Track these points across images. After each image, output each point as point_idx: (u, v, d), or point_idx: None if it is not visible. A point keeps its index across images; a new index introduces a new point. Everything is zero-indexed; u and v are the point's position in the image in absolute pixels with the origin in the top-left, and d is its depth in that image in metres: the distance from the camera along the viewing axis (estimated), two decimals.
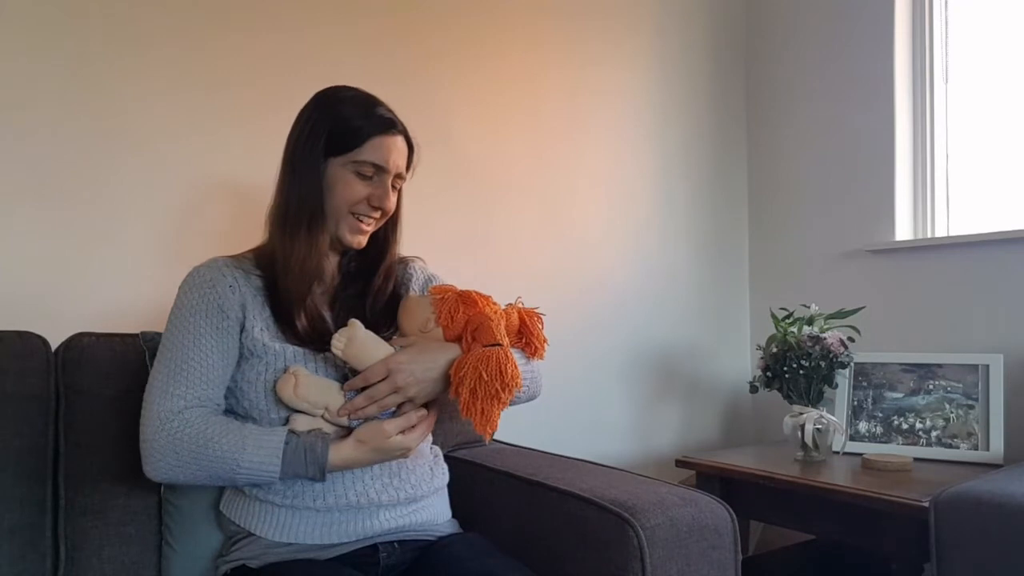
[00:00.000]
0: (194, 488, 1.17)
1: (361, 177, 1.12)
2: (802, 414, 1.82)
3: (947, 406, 1.83)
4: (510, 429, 1.47)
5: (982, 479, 1.35)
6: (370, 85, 1.19)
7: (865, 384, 1.95)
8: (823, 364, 1.81)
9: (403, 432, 1.06)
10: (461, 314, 1.08)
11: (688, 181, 2.37)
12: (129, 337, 1.25)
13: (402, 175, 1.17)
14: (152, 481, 1.04)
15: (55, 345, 1.22)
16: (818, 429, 1.80)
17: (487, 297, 1.12)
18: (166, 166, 1.54)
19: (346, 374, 1.07)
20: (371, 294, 1.18)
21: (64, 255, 1.44)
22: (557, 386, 2.00)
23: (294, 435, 1.03)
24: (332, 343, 1.04)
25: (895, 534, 1.52)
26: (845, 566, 1.99)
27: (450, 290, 1.12)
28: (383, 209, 1.15)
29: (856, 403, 1.95)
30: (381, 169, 1.12)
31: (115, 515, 1.18)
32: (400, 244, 1.25)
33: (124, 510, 1.18)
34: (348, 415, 1.04)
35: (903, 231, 2.12)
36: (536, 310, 1.19)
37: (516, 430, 1.62)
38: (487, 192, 1.98)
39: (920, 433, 1.84)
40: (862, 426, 1.92)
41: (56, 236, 1.44)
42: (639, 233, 2.26)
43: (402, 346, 1.08)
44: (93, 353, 1.22)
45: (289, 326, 1.10)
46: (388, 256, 1.22)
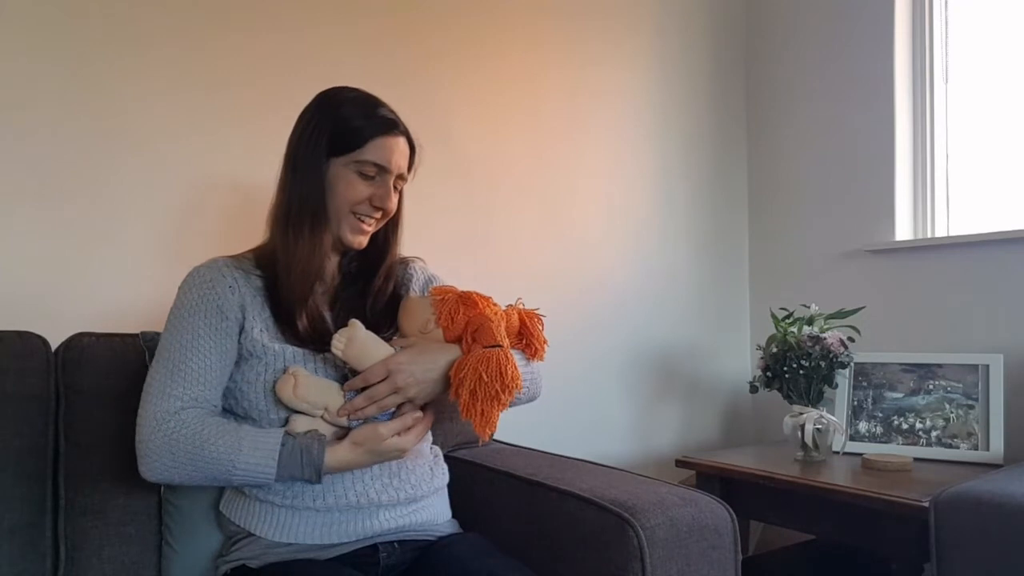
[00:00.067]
0: (194, 488, 1.17)
1: (363, 177, 1.12)
2: (802, 414, 1.82)
3: (947, 406, 1.83)
4: (510, 429, 1.47)
5: (982, 479, 1.35)
6: (370, 85, 1.19)
7: (865, 384, 1.95)
8: (823, 364, 1.81)
9: (399, 434, 1.06)
10: (461, 315, 1.08)
11: (688, 181, 2.37)
12: (129, 337, 1.25)
13: (404, 176, 1.17)
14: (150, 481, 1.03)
15: (55, 345, 1.22)
16: (818, 429, 1.79)
17: (487, 298, 1.12)
18: (166, 166, 1.54)
19: (346, 374, 1.07)
20: (371, 294, 1.18)
21: (64, 255, 1.45)
22: (557, 386, 2.00)
23: (290, 437, 1.03)
24: (332, 343, 1.04)
25: (895, 534, 1.52)
26: (845, 566, 1.99)
27: (450, 291, 1.12)
28: (385, 209, 1.15)
29: (856, 403, 1.95)
30: (383, 169, 1.12)
31: (115, 515, 1.18)
32: (401, 245, 1.25)
33: (124, 510, 1.18)
34: (348, 415, 1.04)
35: (903, 231, 2.12)
36: (536, 311, 1.19)
37: (516, 430, 1.62)
38: (487, 192, 1.98)
39: (920, 433, 1.84)
40: (862, 426, 1.92)
41: (56, 236, 1.44)
42: (639, 233, 2.26)
43: (402, 347, 1.08)
44: (93, 353, 1.22)
45: (289, 326, 1.10)
46: (389, 257, 1.22)
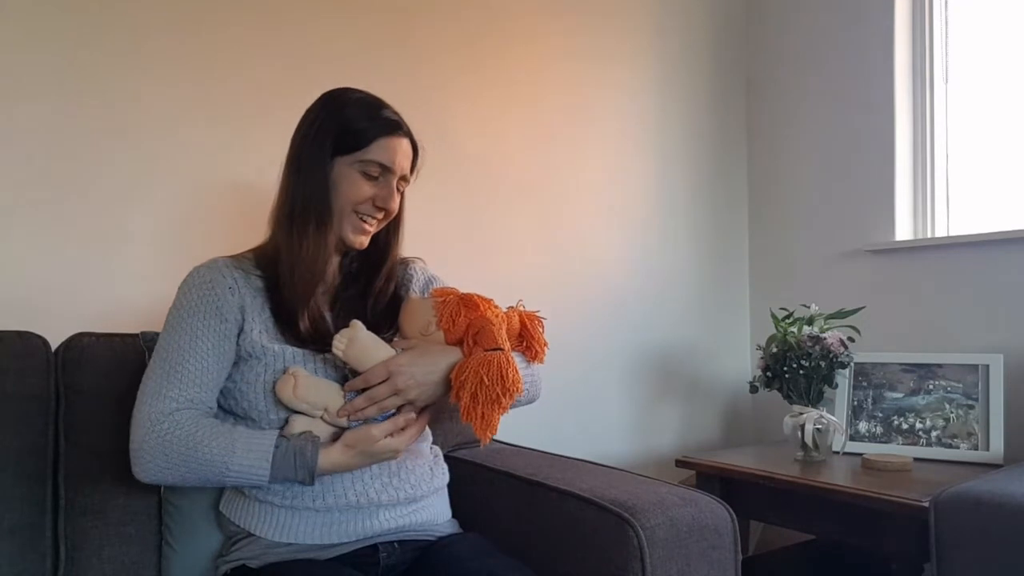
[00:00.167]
0: (194, 488, 1.17)
1: (367, 177, 1.12)
2: (802, 414, 1.82)
3: (947, 406, 1.83)
4: (510, 429, 1.47)
5: (982, 479, 1.35)
6: (371, 85, 1.20)
7: (865, 384, 1.95)
8: (823, 364, 1.81)
9: (392, 435, 1.05)
10: (462, 317, 1.08)
11: (688, 181, 2.37)
12: (129, 337, 1.25)
13: (406, 177, 1.17)
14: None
15: (55, 345, 1.22)
16: (818, 429, 1.79)
17: (489, 300, 1.12)
18: (167, 165, 1.54)
19: (346, 375, 1.07)
20: (372, 295, 1.18)
21: (64, 255, 1.44)
22: (557, 386, 2.00)
23: (284, 439, 1.03)
24: (333, 344, 1.04)
25: (895, 534, 1.52)
26: (845, 566, 1.99)
27: (452, 293, 1.12)
28: (387, 210, 1.15)
29: (856, 403, 1.95)
30: (387, 170, 1.13)
31: (115, 515, 1.18)
32: (402, 246, 1.25)
33: (124, 510, 1.18)
34: (348, 416, 1.04)
35: (903, 231, 2.12)
36: (537, 313, 1.19)
37: (516, 430, 1.62)
38: (487, 193, 1.98)
39: (920, 433, 1.84)
40: (862, 426, 1.92)
41: (56, 236, 1.44)
42: (639, 233, 2.26)
43: (403, 348, 1.08)
44: (93, 353, 1.22)
45: (290, 327, 1.10)
46: (390, 258, 1.22)
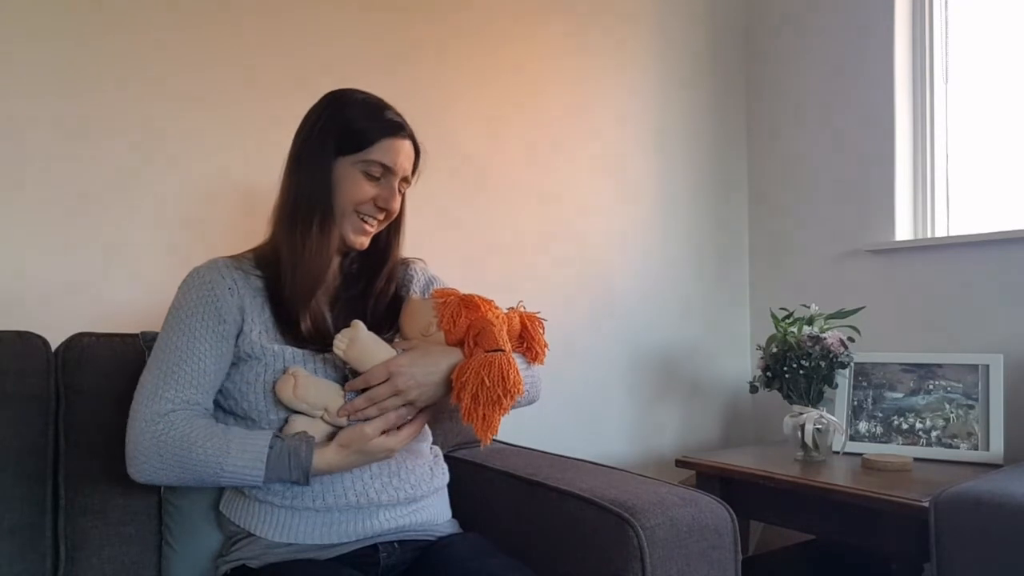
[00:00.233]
0: (194, 488, 1.17)
1: (369, 177, 1.12)
2: (802, 414, 1.82)
3: (947, 406, 1.83)
4: (510, 429, 1.47)
5: (982, 479, 1.35)
6: (371, 86, 1.20)
7: (865, 384, 1.95)
8: (823, 364, 1.81)
9: (385, 433, 1.05)
10: (463, 318, 1.08)
11: (688, 181, 2.37)
12: (129, 337, 1.25)
13: (408, 179, 1.18)
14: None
15: (55, 345, 1.22)
16: (818, 429, 1.79)
17: (489, 301, 1.12)
18: (167, 166, 1.54)
19: (346, 375, 1.07)
20: (373, 296, 1.18)
21: (64, 255, 1.44)
22: (557, 386, 2.00)
23: (279, 439, 1.02)
24: (334, 344, 1.04)
25: (895, 534, 1.52)
26: (845, 566, 1.99)
27: (453, 294, 1.12)
28: (388, 210, 1.15)
29: (856, 403, 1.95)
30: (389, 170, 1.13)
31: (115, 515, 1.18)
32: (403, 247, 1.25)
33: (124, 510, 1.18)
34: (347, 416, 1.04)
35: (903, 231, 2.12)
36: (537, 314, 1.19)
37: (516, 430, 1.62)
38: (487, 193, 1.98)
39: (920, 433, 1.84)
40: (862, 426, 1.92)
41: (56, 236, 1.44)
42: (639, 233, 2.26)
43: (404, 349, 1.08)
44: (93, 353, 1.22)
45: (290, 327, 1.10)
46: (391, 259, 1.23)
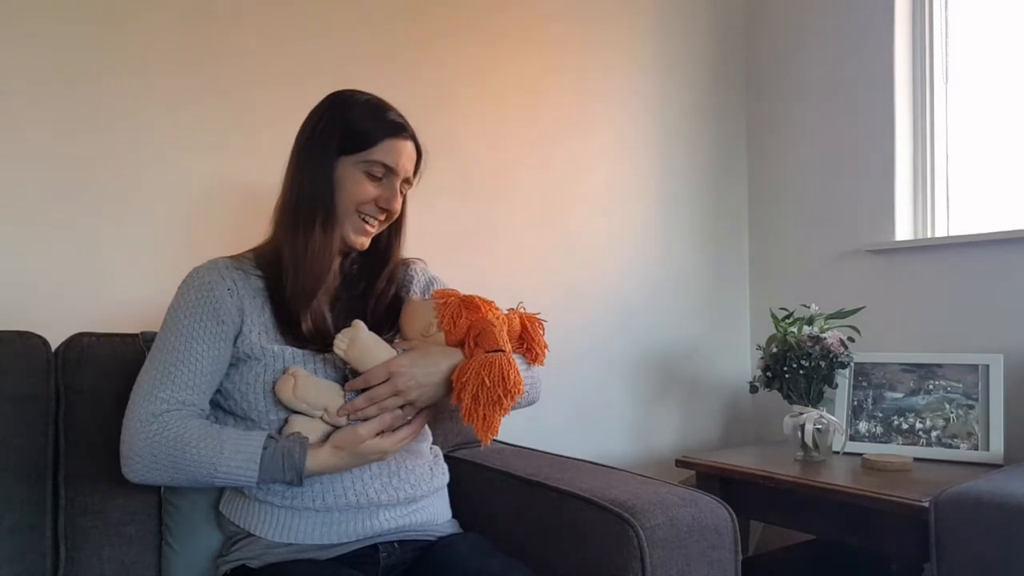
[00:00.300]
0: (194, 488, 1.17)
1: (371, 178, 1.12)
2: (802, 414, 1.81)
3: (947, 406, 1.82)
4: (510, 429, 1.47)
5: (982, 479, 1.35)
6: (371, 86, 1.20)
7: (865, 384, 1.95)
8: (823, 364, 1.81)
9: (380, 435, 1.05)
10: (464, 319, 1.08)
11: (688, 181, 2.37)
12: (129, 337, 1.25)
13: (409, 180, 1.18)
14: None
15: (55, 345, 1.22)
16: (818, 429, 1.79)
17: (490, 302, 1.12)
18: (167, 165, 1.54)
19: (346, 375, 1.07)
20: (373, 297, 1.18)
21: (64, 255, 1.44)
22: (558, 386, 2.00)
23: (272, 440, 1.02)
24: (335, 343, 1.04)
25: (895, 534, 1.52)
26: (845, 566, 1.99)
27: (453, 294, 1.12)
28: (389, 211, 1.15)
29: (856, 403, 1.95)
30: (391, 171, 1.13)
31: (115, 515, 1.18)
32: (404, 248, 1.25)
33: (124, 510, 1.18)
34: (347, 416, 1.04)
35: (903, 231, 2.12)
36: (537, 315, 1.19)
37: (516, 430, 1.62)
38: (487, 194, 1.98)
39: (920, 433, 1.84)
40: (862, 426, 1.92)
41: (56, 236, 1.44)
42: (639, 233, 2.26)
43: (404, 349, 1.08)
44: (93, 353, 1.22)
45: (291, 327, 1.09)
46: (392, 260, 1.23)
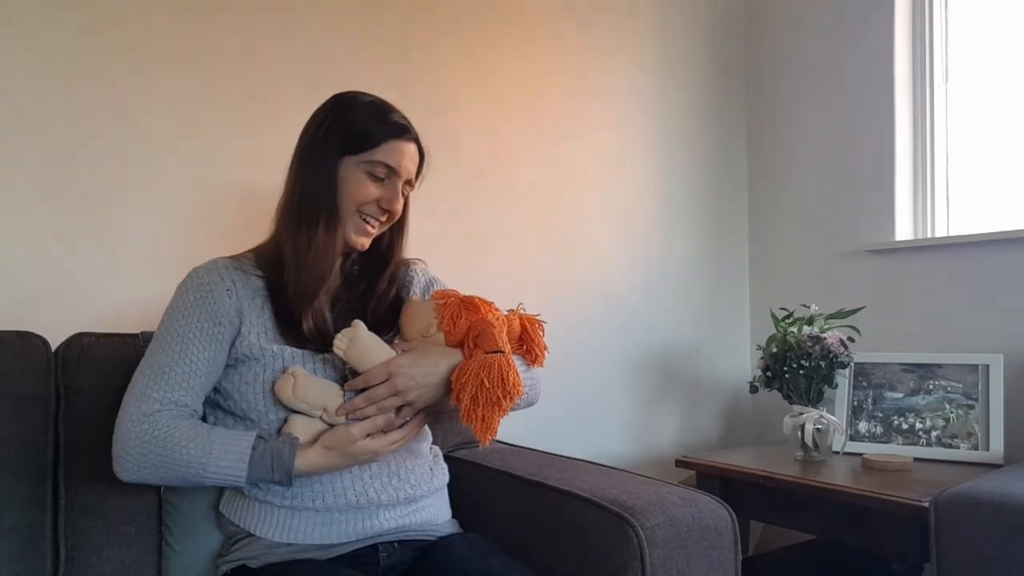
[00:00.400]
0: (194, 488, 1.17)
1: (373, 178, 1.12)
2: (802, 414, 1.81)
3: (947, 406, 1.82)
4: (510, 429, 1.47)
5: (982, 479, 1.36)
6: (370, 87, 1.20)
7: (865, 384, 1.95)
8: (823, 364, 1.81)
9: (371, 435, 1.05)
10: (463, 320, 1.08)
11: (688, 181, 2.37)
12: (129, 337, 1.25)
13: (411, 182, 1.18)
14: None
15: (55, 345, 1.22)
16: (818, 429, 1.79)
17: (489, 303, 1.12)
18: (167, 166, 1.54)
19: (346, 375, 1.07)
20: (374, 297, 1.18)
21: (65, 255, 1.44)
22: (557, 386, 2.00)
23: (262, 440, 1.03)
24: (334, 343, 1.04)
25: (895, 534, 1.52)
26: (845, 566, 1.99)
27: (453, 295, 1.12)
28: (391, 212, 1.15)
29: (856, 403, 1.95)
30: (393, 172, 1.13)
31: (115, 515, 1.18)
32: (405, 250, 1.26)
33: (124, 510, 1.18)
34: (346, 415, 1.04)
35: (903, 231, 2.12)
36: (537, 317, 1.19)
37: (516, 430, 1.62)
38: (488, 194, 1.98)
39: (920, 433, 1.84)
40: (862, 426, 1.92)
41: (57, 236, 1.44)
42: (639, 233, 2.26)
43: (404, 350, 1.08)
44: (93, 353, 1.22)
45: (291, 327, 1.09)
46: (393, 262, 1.23)
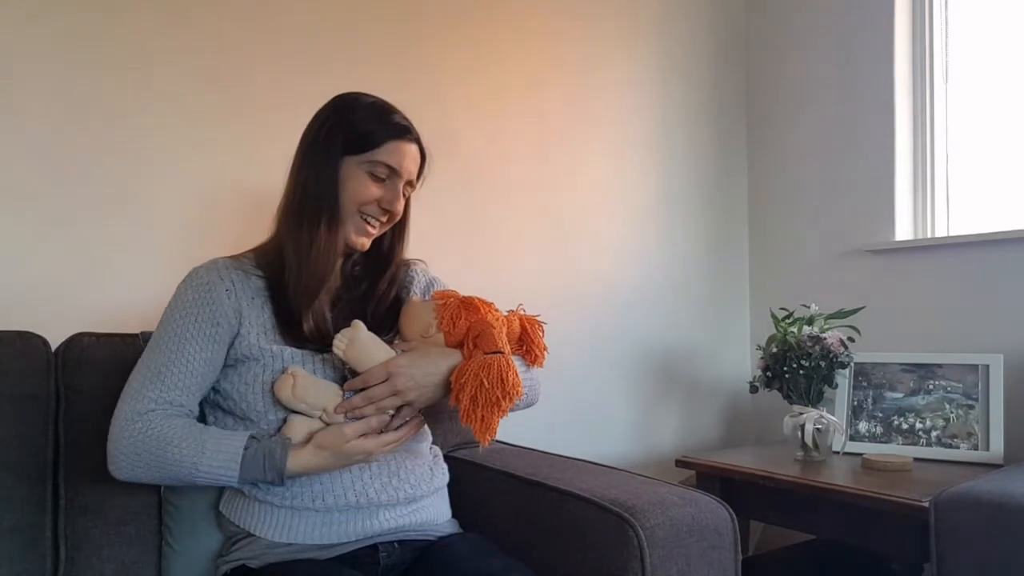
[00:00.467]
0: (194, 488, 1.17)
1: (374, 178, 1.12)
2: (802, 414, 1.81)
3: (947, 406, 1.82)
4: (510, 429, 1.47)
5: (982, 479, 1.36)
6: (375, 89, 1.20)
7: (865, 384, 1.95)
8: (823, 364, 1.81)
9: (365, 436, 1.04)
10: (463, 320, 1.08)
11: (688, 181, 2.37)
12: (129, 337, 1.25)
13: (412, 183, 1.18)
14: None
15: (55, 345, 1.22)
16: (818, 429, 1.79)
17: (489, 304, 1.12)
18: (167, 167, 1.54)
19: (345, 376, 1.07)
20: (374, 298, 1.18)
21: (64, 255, 1.44)
22: (558, 386, 2.00)
23: (255, 440, 1.03)
24: (334, 343, 1.04)
25: (895, 534, 1.52)
26: (845, 566, 1.99)
27: (453, 295, 1.12)
28: (392, 212, 1.15)
29: (856, 403, 1.95)
30: (394, 172, 1.13)
31: (115, 515, 1.18)
32: (406, 251, 1.26)
33: (124, 510, 1.18)
34: (345, 414, 1.04)
35: (903, 231, 2.12)
36: (537, 317, 1.19)
37: (516, 430, 1.61)
38: (488, 195, 1.98)
39: (920, 433, 1.84)
40: (862, 426, 1.92)
41: (56, 236, 1.44)
42: (639, 233, 2.26)
43: (403, 350, 1.08)
44: (93, 353, 1.22)
45: (291, 327, 1.09)
46: (394, 263, 1.23)
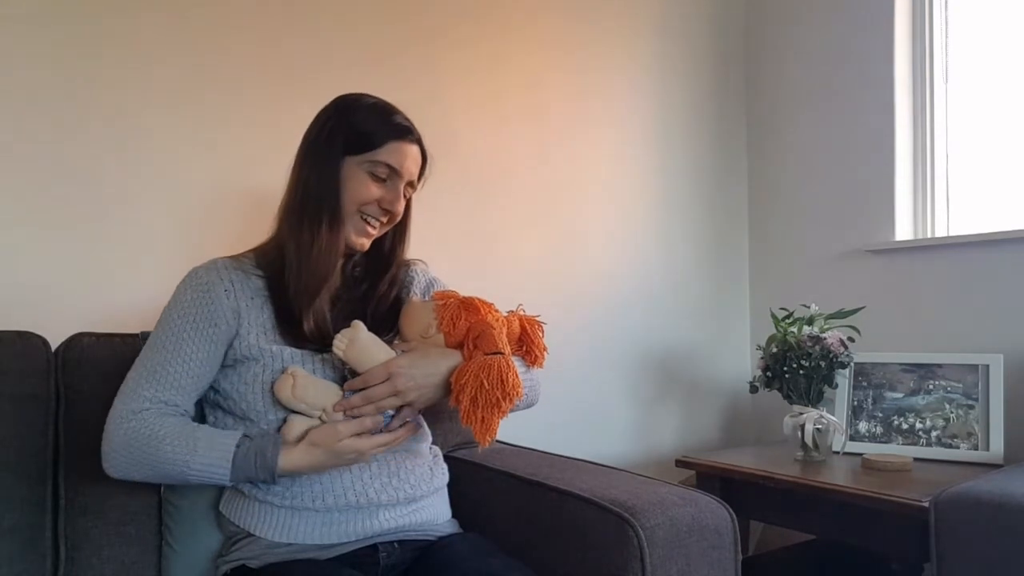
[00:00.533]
0: (194, 487, 1.17)
1: (375, 178, 1.12)
2: (802, 414, 1.81)
3: (947, 406, 1.82)
4: (510, 429, 1.47)
5: (982, 479, 1.35)
6: (376, 90, 1.20)
7: (865, 384, 1.95)
8: (823, 364, 1.81)
9: (358, 435, 1.04)
10: (463, 321, 1.09)
11: (689, 182, 2.37)
12: (129, 337, 1.25)
13: (413, 183, 1.18)
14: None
15: (55, 345, 1.22)
16: (818, 429, 1.79)
17: (489, 304, 1.12)
18: (168, 166, 1.54)
19: (345, 376, 1.07)
20: (375, 298, 1.18)
21: (64, 255, 1.44)
22: (558, 386, 2.00)
23: (247, 438, 1.03)
24: (334, 344, 1.04)
25: (895, 534, 1.52)
26: (845, 566, 1.99)
27: (453, 296, 1.12)
28: (392, 212, 1.15)
29: (856, 403, 1.95)
30: (395, 172, 1.13)
31: (115, 515, 1.18)
32: (407, 252, 1.26)
33: (124, 510, 1.18)
34: (344, 413, 1.04)
35: (903, 231, 2.12)
36: (537, 318, 1.19)
37: (516, 431, 1.62)
38: (488, 195, 1.97)
39: (920, 433, 1.84)
40: (862, 426, 1.92)
41: (56, 236, 1.44)
42: (640, 233, 2.26)
43: (403, 350, 1.08)
44: (93, 353, 1.22)
45: (291, 327, 1.09)
46: (395, 264, 1.23)
